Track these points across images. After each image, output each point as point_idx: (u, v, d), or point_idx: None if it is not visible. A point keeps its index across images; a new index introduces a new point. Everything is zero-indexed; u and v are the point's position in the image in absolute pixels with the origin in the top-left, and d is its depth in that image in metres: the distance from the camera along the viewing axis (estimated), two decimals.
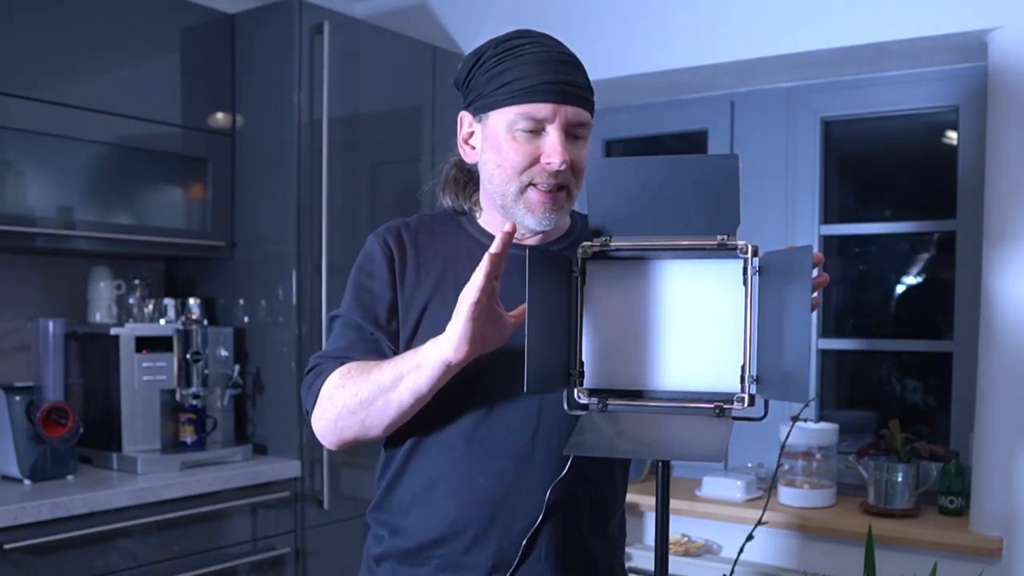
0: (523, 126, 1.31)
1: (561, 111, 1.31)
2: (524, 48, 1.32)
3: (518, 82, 1.30)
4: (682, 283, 1.24)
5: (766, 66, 2.74)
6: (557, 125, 1.31)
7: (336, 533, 2.73)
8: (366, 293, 1.42)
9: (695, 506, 2.74)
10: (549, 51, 1.32)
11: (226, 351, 2.66)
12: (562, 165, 1.31)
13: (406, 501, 1.40)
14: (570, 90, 1.31)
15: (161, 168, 2.69)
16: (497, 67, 1.32)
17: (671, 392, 1.23)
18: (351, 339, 1.40)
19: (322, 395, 1.36)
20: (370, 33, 2.87)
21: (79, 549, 2.17)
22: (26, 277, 2.66)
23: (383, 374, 1.29)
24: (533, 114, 1.30)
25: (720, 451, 1.14)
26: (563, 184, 1.33)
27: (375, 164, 2.90)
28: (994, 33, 2.36)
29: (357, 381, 1.31)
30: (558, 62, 1.31)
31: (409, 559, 1.40)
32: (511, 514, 1.34)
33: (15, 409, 2.32)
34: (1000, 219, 2.34)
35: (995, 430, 2.33)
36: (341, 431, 1.35)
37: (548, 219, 1.35)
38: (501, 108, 1.32)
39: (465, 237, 1.44)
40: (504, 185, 1.35)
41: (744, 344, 1.18)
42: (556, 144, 1.30)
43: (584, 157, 1.35)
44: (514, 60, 1.31)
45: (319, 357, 1.42)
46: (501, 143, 1.33)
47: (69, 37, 2.42)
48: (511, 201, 1.35)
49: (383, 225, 1.47)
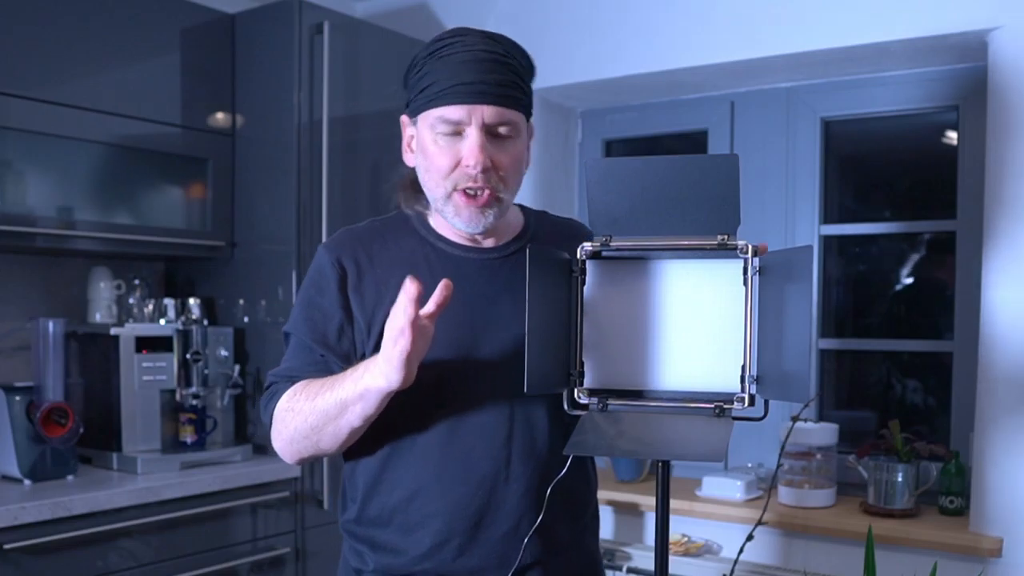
0: (441, 129, 1.30)
1: (476, 112, 1.29)
2: (446, 49, 1.31)
3: (435, 85, 1.30)
4: (682, 283, 1.24)
5: (766, 66, 2.74)
6: (474, 126, 1.29)
7: (336, 533, 2.70)
8: (317, 312, 1.40)
9: (695, 506, 2.74)
10: (470, 50, 1.30)
11: (226, 351, 2.66)
12: (477, 167, 1.29)
13: (385, 514, 1.39)
14: (487, 89, 1.29)
15: (161, 168, 2.69)
16: (422, 70, 1.32)
17: (671, 392, 1.23)
18: (302, 360, 1.40)
19: (275, 417, 1.38)
20: (370, 33, 2.87)
21: (79, 549, 2.17)
22: (26, 277, 2.66)
23: (327, 401, 1.30)
24: (447, 116, 1.29)
25: (720, 451, 1.14)
26: (485, 186, 1.31)
27: (375, 164, 2.90)
28: (994, 33, 2.36)
29: (305, 408, 1.33)
30: (477, 61, 1.29)
31: (397, 574, 1.39)
32: (494, 518, 1.34)
33: (15, 409, 2.32)
34: (1000, 219, 2.33)
35: (995, 430, 2.33)
36: (298, 452, 1.38)
37: (477, 222, 1.34)
38: (423, 112, 1.32)
39: (418, 241, 1.43)
40: (433, 190, 1.35)
41: (744, 344, 1.19)
42: (472, 146, 1.29)
43: (512, 157, 1.33)
44: (435, 62, 1.31)
45: (274, 375, 1.43)
46: (427, 146, 1.33)
47: (69, 37, 2.42)
48: (440, 205, 1.35)
49: (334, 237, 1.46)
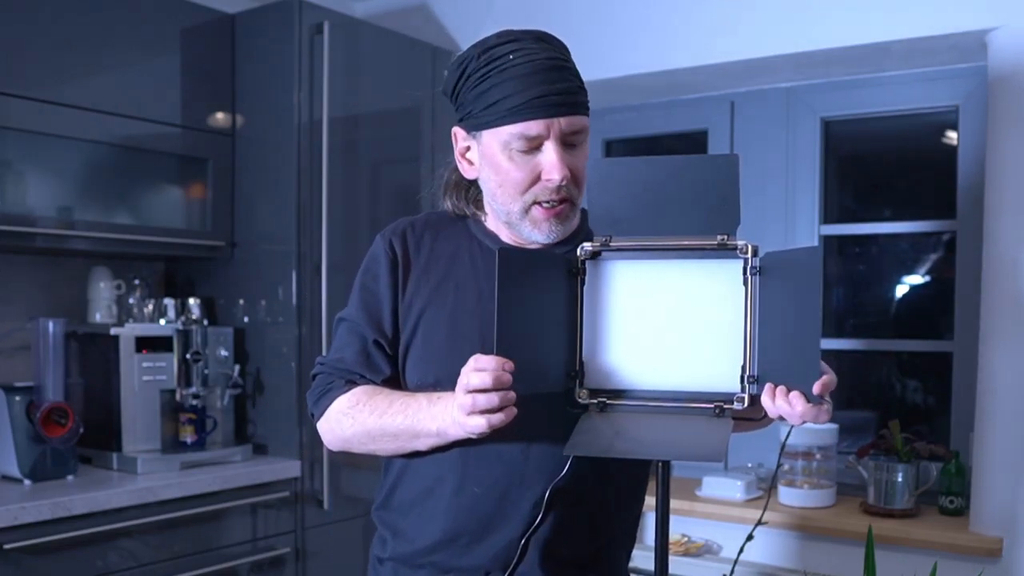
0: (518, 146, 1.29)
1: (555, 124, 1.28)
2: (508, 59, 1.28)
3: (506, 100, 1.27)
4: (682, 283, 1.24)
5: (766, 66, 2.74)
6: (553, 139, 1.28)
7: (336, 533, 2.72)
8: (371, 296, 1.42)
9: (695, 506, 2.74)
10: (534, 60, 1.27)
11: (226, 351, 2.66)
12: (563, 181, 1.29)
13: (406, 503, 1.41)
14: (560, 99, 1.27)
15: (161, 168, 2.69)
16: (483, 83, 1.29)
17: (671, 392, 1.23)
18: (356, 349, 1.41)
19: (330, 414, 1.40)
20: (370, 33, 2.87)
21: (79, 549, 2.17)
22: (26, 277, 2.66)
23: (397, 425, 1.32)
24: (526, 133, 1.27)
25: (720, 451, 1.14)
26: (566, 197, 1.32)
27: (375, 164, 2.90)
28: (994, 33, 2.36)
29: (368, 422, 1.35)
30: (544, 71, 1.27)
31: (408, 562, 1.41)
32: (505, 520, 1.34)
33: (15, 409, 2.32)
34: (1000, 219, 2.33)
35: (995, 430, 2.32)
36: (349, 448, 1.41)
37: (555, 232, 1.34)
38: (493, 128, 1.30)
39: (469, 239, 1.43)
40: (508, 204, 1.33)
41: (744, 344, 1.18)
42: (555, 161, 1.28)
43: (583, 162, 1.33)
44: (499, 75, 1.27)
45: (322, 363, 1.45)
46: (499, 162, 1.31)
47: (69, 37, 2.41)
48: (516, 219, 1.34)
49: (390, 225, 1.47)
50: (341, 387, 1.40)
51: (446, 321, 1.38)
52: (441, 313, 1.38)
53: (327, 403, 1.40)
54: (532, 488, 1.33)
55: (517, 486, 1.34)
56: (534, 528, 1.33)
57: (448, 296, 1.39)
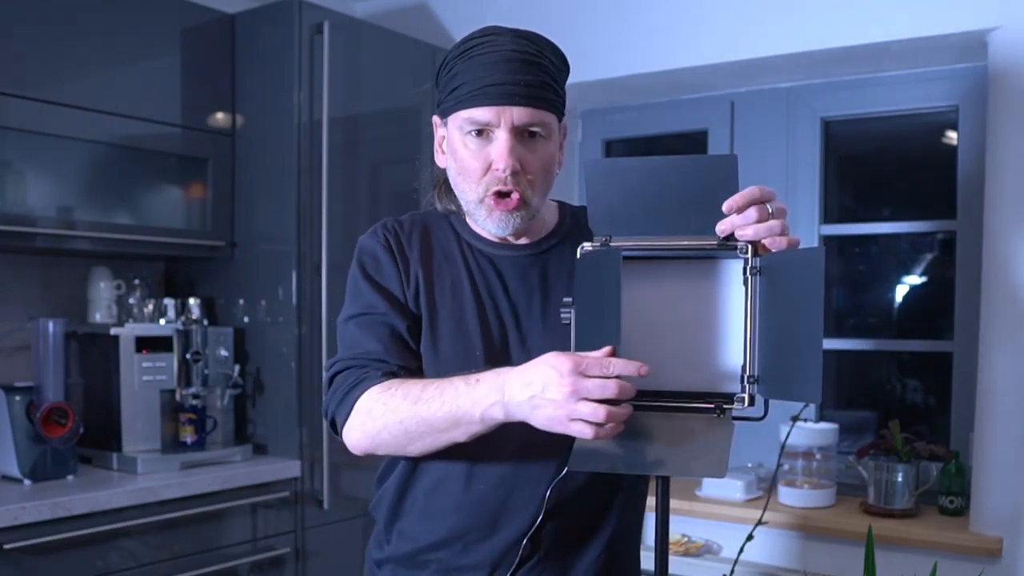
0: (469, 130, 1.30)
1: (506, 113, 1.27)
2: (477, 49, 1.29)
3: (464, 86, 1.28)
4: (682, 283, 1.24)
5: (766, 66, 2.74)
6: (503, 128, 1.28)
7: (336, 533, 2.73)
8: (381, 287, 1.37)
9: (695, 506, 2.74)
10: (500, 50, 1.28)
11: (226, 351, 2.66)
12: (506, 170, 1.28)
13: (409, 505, 1.41)
14: (516, 91, 1.27)
15: (161, 168, 2.69)
16: (452, 70, 1.31)
17: (671, 392, 1.23)
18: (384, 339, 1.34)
19: (359, 407, 1.30)
20: (370, 33, 2.87)
21: (79, 549, 2.17)
22: (26, 277, 2.66)
23: (434, 411, 1.22)
24: (476, 118, 1.28)
25: (722, 466, 1.13)
26: (515, 189, 1.30)
27: (375, 164, 2.90)
28: (994, 33, 2.36)
29: (401, 408, 1.25)
30: (507, 62, 1.28)
31: (408, 562, 1.41)
32: (509, 517, 1.34)
33: (15, 409, 2.32)
34: (1000, 219, 2.33)
35: (995, 430, 2.32)
36: (377, 447, 1.31)
37: (506, 224, 1.33)
38: (453, 113, 1.31)
39: (456, 238, 1.43)
40: (465, 193, 1.34)
41: (744, 344, 1.18)
42: (501, 149, 1.28)
43: (543, 158, 1.32)
44: (466, 63, 1.29)
45: (346, 361, 1.36)
46: (457, 149, 1.32)
47: (69, 37, 2.41)
48: (473, 207, 1.34)
49: (376, 226, 1.45)
50: (376, 377, 1.30)
51: (449, 318, 1.37)
52: (443, 310, 1.37)
53: (357, 395, 1.29)
54: (538, 484, 1.33)
55: (523, 483, 1.34)
56: (536, 527, 1.33)
57: (447, 293, 1.38)
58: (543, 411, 1.12)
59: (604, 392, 1.09)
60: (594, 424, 1.10)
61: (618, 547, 1.44)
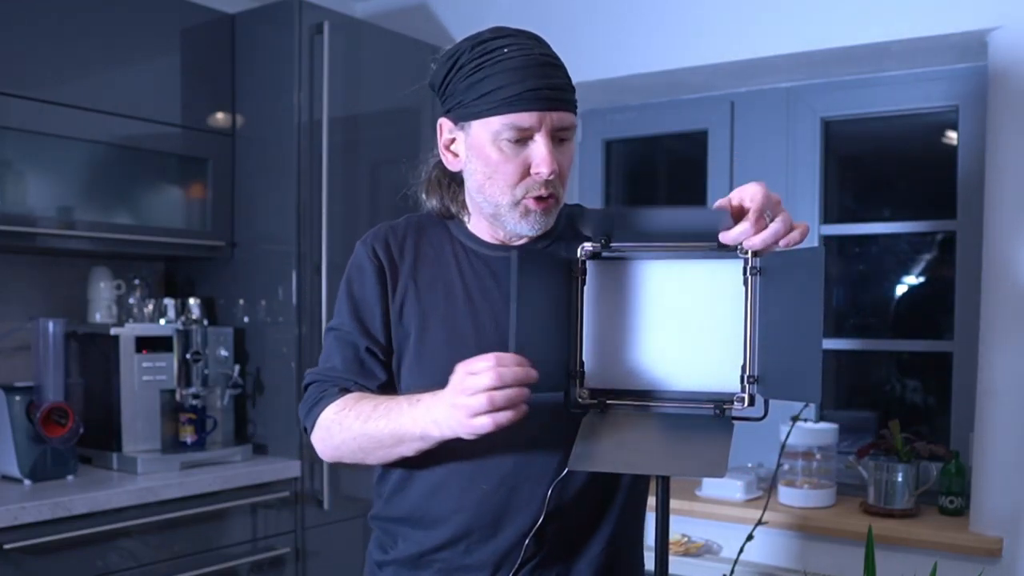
0: (509, 136, 1.29)
1: (546, 118, 1.28)
2: (502, 52, 1.29)
3: (500, 91, 1.27)
4: (682, 283, 1.24)
5: (766, 66, 2.74)
6: (544, 133, 1.29)
7: (336, 533, 2.73)
8: (359, 304, 1.42)
9: (695, 506, 2.74)
10: (528, 55, 1.29)
11: (226, 351, 2.66)
12: (551, 175, 1.29)
13: (409, 508, 1.41)
14: (553, 95, 1.29)
15: (161, 168, 2.69)
16: (476, 74, 1.29)
17: (671, 392, 1.23)
18: (346, 358, 1.41)
19: (320, 424, 1.39)
20: (370, 33, 2.87)
21: (79, 549, 2.17)
22: (26, 277, 2.66)
23: (380, 430, 1.29)
24: (518, 124, 1.28)
25: (721, 465, 1.13)
26: (552, 193, 1.32)
27: (375, 164, 2.90)
28: (994, 33, 2.36)
29: (354, 427, 1.33)
30: (539, 66, 1.29)
31: (411, 564, 1.41)
32: (512, 517, 1.34)
33: (15, 409, 2.32)
34: (1000, 219, 2.33)
35: (995, 430, 2.32)
36: (339, 458, 1.40)
37: (540, 225, 1.35)
38: (484, 118, 1.30)
39: (452, 242, 1.44)
40: (497, 196, 1.34)
41: (744, 344, 1.18)
42: (545, 154, 1.29)
43: (569, 160, 1.35)
44: (493, 67, 1.28)
45: (315, 374, 1.45)
46: (488, 154, 1.31)
47: (69, 37, 2.42)
48: (505, 211, 1.34)
49: (371, 231, 1.46)
50: (334, 395, 1.39)
51: (440, 325, 1.38)
52: (434, 317, 1.38)
53: (319, 412, 1.39)
54: (541, 483, 1.34)
55: (526, 481, 1.34)
56: (537, 526, 1.33)
57: (439, 300, 1.39)
58: (452, 418, 1.19)
59: (488, 383, 1.14)
60: (489, 413, 1.14)
61: (620, 544, 1.44)
